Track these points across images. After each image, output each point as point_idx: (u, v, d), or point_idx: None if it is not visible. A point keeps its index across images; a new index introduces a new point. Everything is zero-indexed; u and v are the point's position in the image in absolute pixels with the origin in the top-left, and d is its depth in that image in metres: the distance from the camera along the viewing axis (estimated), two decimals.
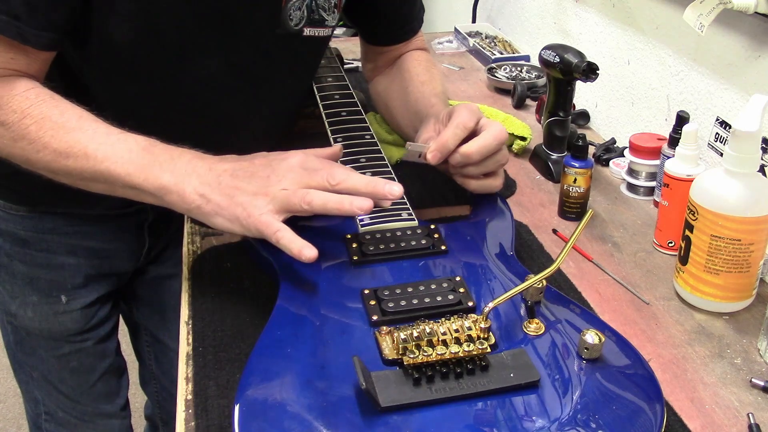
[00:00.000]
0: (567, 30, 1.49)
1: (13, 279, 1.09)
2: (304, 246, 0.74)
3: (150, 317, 1.28)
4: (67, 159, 0.80)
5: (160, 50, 0.87)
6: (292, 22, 0.92)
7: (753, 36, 0.95)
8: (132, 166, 0.79)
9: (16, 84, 0.81)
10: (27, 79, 0.82)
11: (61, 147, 0.79)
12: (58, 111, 0.81)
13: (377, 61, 1.18)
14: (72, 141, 0.79)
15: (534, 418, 0.61)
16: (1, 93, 0.80)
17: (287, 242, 0.75)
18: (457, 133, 0.87)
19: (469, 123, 0.87)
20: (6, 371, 2.09)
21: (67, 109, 0.81)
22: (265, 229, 0.76)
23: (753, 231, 0.79)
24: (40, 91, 0.82)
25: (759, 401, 0.71)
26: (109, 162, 0.79)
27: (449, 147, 0.87)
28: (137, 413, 1.53)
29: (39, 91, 0.81)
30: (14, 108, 0.79)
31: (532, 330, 0.70)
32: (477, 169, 0.89)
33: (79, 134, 0.80)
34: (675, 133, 1.00)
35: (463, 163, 0.88)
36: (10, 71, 0.81)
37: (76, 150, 0.79)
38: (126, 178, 0.79)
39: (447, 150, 0.87)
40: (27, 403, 1.22)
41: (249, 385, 0.63)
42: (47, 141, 0.79)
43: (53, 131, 0.79)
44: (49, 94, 0.82)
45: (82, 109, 0.82)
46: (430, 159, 0.87)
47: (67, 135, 0.79)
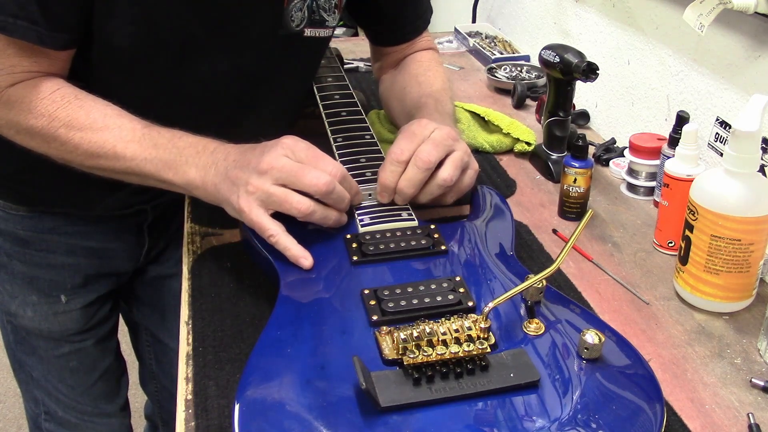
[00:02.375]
0: (567, 30, 1.49)
1: (13, 279, 1.09)
2: (300, 254, 0.79)
3: (150, 317, 1.28)
4: (99, 159, 0.83)
5: (162, 53, 0.87)
6: (293, 23, 0.92)
7: (753, 36, 0.95)
8: (160, 162, 0.82)
9: (41, 86, 0.83)
10: (52, 79, 0.84)
11: (91, 148, 0.83)
12: (84, 111, 0.83)
13: (383, 61, 1.18)
14: (101, 141, 0.82)
15: (534, 418, 0.61)
16: (29, 96, 0.82)
17: (283, 248, 0.79)
18: (393, 170, 0.85)
19: (401, 156, 0.85)
20: (6, 371, 2.09)
21: (93, 109, 0.84)
22: (258, 229, 0.79)
23: (753, 231, 0.79)
24: (66, 92, 0.84)
25: (759, 401, 0.71)
26: (138, 160, 0.82)
27: (390, 186, 0.86)
28: (137, 413, 1.53)
29: (64, 92, 0.84)
30: (42, 111, 0.82)
31: (532, 330, 0.70)
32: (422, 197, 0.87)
33: (107, 134, 0.83)
34: (675, 133, 1.00)
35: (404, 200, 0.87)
36: (34, 74, 0.83)
37: (105, 150, 0.83)
38: (156, 174, 0.83)
39: (389, 189, 0.86)
40: (27, 402, 1.22)
41: (249, 385, 0.63)
42: (77, 143, 0.83)
43: (82, 133, 0.82)
44: (74, 95, 0.84)
45: (106, 105, 0.85)
46: (380, 200, 0.88)
47: (95, 135, 0.82)
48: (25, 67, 0.82)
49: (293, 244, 0.79)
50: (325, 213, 0.80)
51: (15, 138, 0.86)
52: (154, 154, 0.82)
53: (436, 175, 0.85)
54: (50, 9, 0.79)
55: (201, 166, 0.81)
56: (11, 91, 0.82)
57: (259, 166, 0.78)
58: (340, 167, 0.81)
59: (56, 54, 0.84)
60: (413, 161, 0.84)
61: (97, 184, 0.90)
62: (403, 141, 0.86)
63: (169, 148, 0.82)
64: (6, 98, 0.83)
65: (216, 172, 0.81)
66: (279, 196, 0.77)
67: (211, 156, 0.82)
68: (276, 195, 0.77)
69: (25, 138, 0.85)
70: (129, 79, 0.90)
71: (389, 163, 0.85)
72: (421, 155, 0.84)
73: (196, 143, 0.83)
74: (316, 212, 0.79)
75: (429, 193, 0.86)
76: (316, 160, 0.79)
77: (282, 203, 0.78)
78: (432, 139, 0.85)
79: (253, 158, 0.79)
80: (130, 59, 0.87)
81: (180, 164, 0.82)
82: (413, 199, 0.87)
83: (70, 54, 0.86)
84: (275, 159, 0.78)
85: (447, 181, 0.85)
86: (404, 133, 0.87)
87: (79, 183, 0.92)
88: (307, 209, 0.78)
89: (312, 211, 0.78)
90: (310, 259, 0.79)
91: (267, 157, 0.78)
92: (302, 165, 0.79)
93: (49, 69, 0.84)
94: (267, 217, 0.78)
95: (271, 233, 0.78)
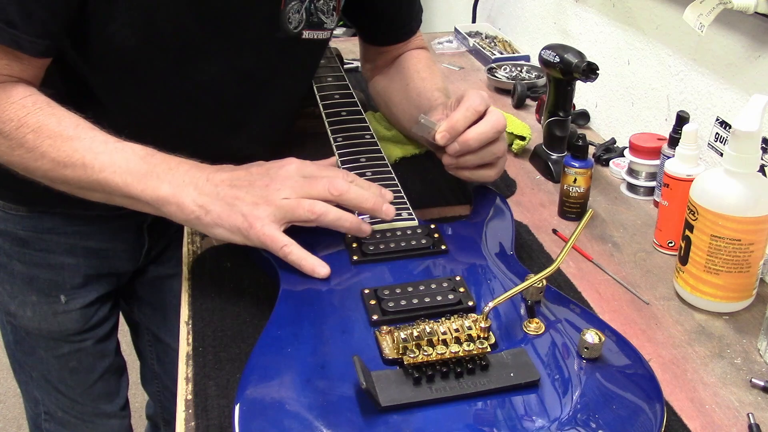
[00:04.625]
0: (567, 30, 1.49)
1: (13, 279, 1.09)
2: (317, 264, 0.77)
3: (151, 317, 1.28)
4: (65, 168, 0.79)
5: (161, 55, 0.87)
6: (290, 25, 0.92)
7: (753, 36, 0.95)
8: (130, 176, 0.78)
9: (12, 91, 0.80)
10: (23, 85, 0.82)
11: (60, 156, 0.79)
12: (56, 119, 0.80)
13: (376, 60, 1.18)
14: (70, 150, 0.79)
15: (534, 418, 0.61)
16: None
17: (297, 259, 0.77)
18: (468, 116, 0.86)
19: (480, 107, 0.86)
20: (6, 371, 2.09)
21: (64, 118, 0.81)
22: (269, 243, 0.76)
23: (753, 231, 0.79)
24: (37, 99, 0.81)
25: (759, 401, 0.71)
26: (107, 172, 0.78)
27: (458, 129, 0.86)
28: (138, 413, 1.53)
29: (36, 98, 0.81)
30: (11, 116, 0.79)
31: (532, 329, 0.70)
32: (474, 158, 0.89)
33: (77, 143, 0.79)
34: (675, 133, 1.00)
35: (461, 151, 0.88)
36: (5, 77, 0.80)
37: (74, 159, 0.79)
38: (124, 188, 0.78)
39: (456, 132, 0.86)
40: (27, 402, 1.22)
41: (249, 384, 0.63)
42: (45, 150, 0.79)
43: (51, 140, 0.79)
44: (46, 102, 0.81)
45: (79, 116, 0.82)
46: (439, 139, 0.87)
47: (65, 144, 0.79)
48: None
49: (308, 255, 0.77)
50: (339, 213, 0.78)
51: None
52: (124, 167, 0.78)
53: (495, 143, 0.88)
54: (31, 14, 0.77)
55: (175, 183, 0.78)
56: None
57: (271, 185, 0.77)
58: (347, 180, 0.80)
59: (31, 60, 0.81)
60: (490, 122, 0.86)
61: None
62: (477, 96, 0.87)
63: (140, 162, 0.79)
64: None
65: (199, 193, 0.77)
66: (290, 203, 0.76)
67: (186, 174, 0.79)
68: (286, 204, 0.76)
69: None
70: (129, 80, 0.90)
71: (465, 109, 0.86)
72: (500, 119, 0.86)
73: (169, 160, 0.80)
74: (330, 213, 0.77)
75: (481, 157, 0.88)
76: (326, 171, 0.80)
77: (295, 209, 0.76)
78: (498, 111, 0.88)
79: (258, 178, 0.78)
80: (131, 61, 0.87)
81: (151, 179, 0.78)
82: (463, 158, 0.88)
83: (47, 62, 0.84)
84: (286, 178, 0.78)
85: (500, 153, 0.89)
86: (473, 92, 0.89)
87: None
88: (320, 210, 0.77)
89: (324, 211, 0.77)
90: (327, 268, 0.77)
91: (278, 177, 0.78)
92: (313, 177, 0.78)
93: (21, 74, 0.81)
94: (279, 231, 0.77)
95: (284, 244, 0.76)
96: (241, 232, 0.77)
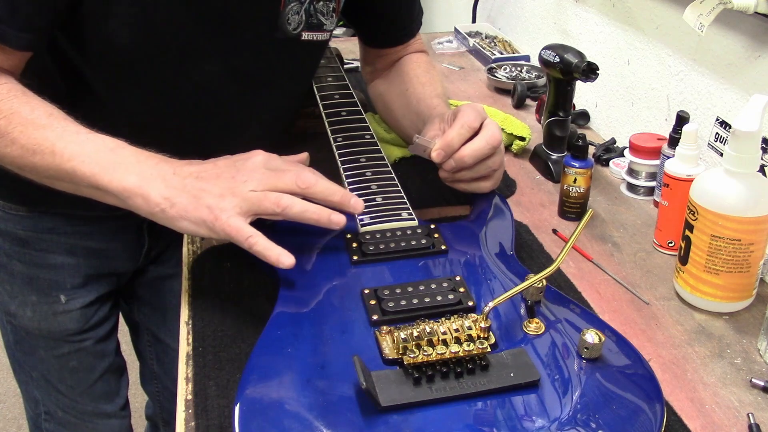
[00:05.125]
0: (567, 30, 1.49)
1: (12, 279, 1.09)
2: (282, 253, 0.74)
3: (151, 317, 1.28)
4: (34, 156, 0.79)
5: (159, 54, 0.87)
6: (290, 26, 0.92)
7: (753, 36, 0.95)
8: (97, 166, 0.77)
9: None
10: (1, 74, 0.82)
11: (29, 143, 0.78)
12: (29, 107, 0.80)
13: (376, 63, 1.18)
14: (40, 138, 0.78)
15: (534, 418, 0.61)
16: None
17: (262, 249, 0.75)
18: (462, 133, 0.87)
19: (474, 123, 0.87)
20: (6, 371, 2.09)
21: (38, 106, 0.81)
22: (235, 234, 0.75)
23: (753, 231, 0.79)
24: (12, 87, 0.81)
25: (759, 401, 0.71)
26: (76, 161, 0.78)
27: (454, 146, 0.87)
28: (138, 413, 1.53)
29: (11, 86, 0.81)
30: None
31: (532, 330, 0.70)
32: (470, 173, 0.90)
33: (48, 131, 0.79)
34: (675, 133, 1.00)
35: (457, 168, 0.88)
36: None
37: (43, 147, 0.78)
38: (91, 178, 0.78)
39: (451, 149, 0.87)
40: (27, 402, 1.22)
41: (249, 384, 0.63)
42: (15, 136, 0.79)
43: (22, 127, 0.79)
44: (21, 91, 0.81)
45: (53, 107, 0.81)
46: (435, 157, 0.88)
47: (36, 132, 0.79)
48: None
49: (273, 245, 0.75)
50: (305, 206, 0.76)
51: None
52: (93, 158, 0.78)
53: (491, 157, 0.88)
54: (18, 8, 0.77)
55: (142, 175, 0.77)
56: None
57: (236, 176, 0.76)
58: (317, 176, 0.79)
59: (13, 52, 0.81)
60: (485, 136, 0.86)
61: None
62: (472, 111, 0.88)
63: (109, 153, 0.78)
64: None
65: (166, 186, 0.77)
66: (257, 196, 0.75)
67: (155, 168, 0.78)
68: (253, 197, 0.75)
69: None
70: (128, 79, 0.90)
71: (459, 126, 0.87)
72: (495, 134, 0.87)
73: (138, 153, 0.79)
74: (295, 205, 0.76)
75: (476, 171, 0.89)
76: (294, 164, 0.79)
77: (261, 201, 0.75)
78: (495, 124, 0.89)
79: (224, 171, 0.77)
80: (129, 60, 0.87)
81: (118, 170, 0.77)
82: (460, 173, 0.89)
83: (28, 55, 0.84)
84: (252, 170, 0.77)
85: (496, 166, 0.90)
86: (469, 107, 0.89)
87: None
88: (286, 202, 0.75)
89: (290, 204, 0.75)
90: (292, 258, 0.75)
91: (244, 169, 0.77)
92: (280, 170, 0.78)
93: (2, 64, 0.82)
94: (245, 222, 0.75)
95: (249, 235, 0.74)
96: (207, 225, 0.75)
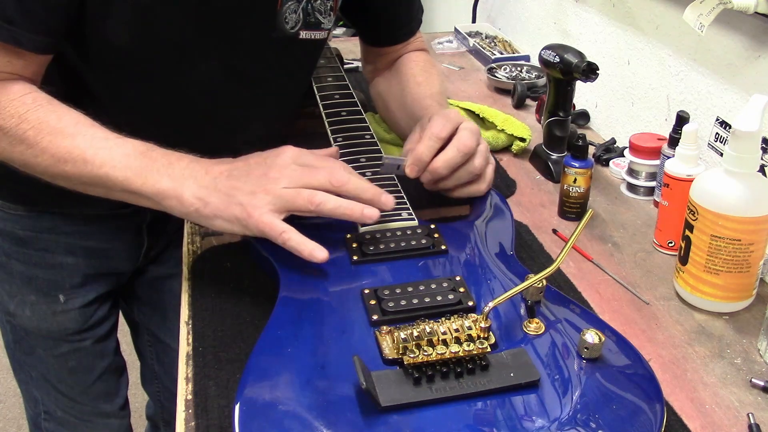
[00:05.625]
0: (567, 30, 1.49)
1: (12, 278, 1.09)
2: (315, 248, 0.76)
3: (151, 317, 1.28)
4: (66, 164, 0.80)
5: (157, 54, 0.87)
6: (287, 25, 0.92)
7: (753, 36, 0.95)
8: (130, 170, 0.79)
9: (12, 88, 0.81)
10: (24, 82, 0.82)
11: (60, 152, 0.79)
12: (56, 116, 0.81)
13: (377, 62, 1.18)
14: (70, 146, 0.79)
15: (534, 418, 0.61)
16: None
17: (296, 244, 0.76)
18: (431, 145, 0.85)
19: (442, 133, 0.85)
20: (6, 371, 2.09)
21: (65, 114, 0.81)
22: (268, 231, 0.76)
23: (753, 231, 0.79)
24: (37, 96, 0.81)
25: (759, 401, 0.71)
26: (108, 167, 0.79)
27: (425, 160, 0.86)
28: (138, 413, 1.53)
29: (36, 95, 0.81)
30: (11, 113, 0.79)
31: (532, 330, 0.70)
32: (451, 181, 0.88)
33: (78, 139, 0.80)
34: (675, 133, 1.00)
35: (434, 180, 0.88)
36: (6, 74, 0.81)
37: (74, 155, 0.79)
38: (124, 183, 0.79)
39: (423, 163, 0.86)
40: (26, 402, 1.22)
41: (249, 384, 0.63)
42: (45, 146, 0.80)
43: (51, 136, 0.79)
44: (47, 99, 0.82)
45: (79, 113, 0.82)
46: (408, 173, 0.87)
47: (65, 140, 0.79)
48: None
49: (306, 240, 0.76)
50: (338, 202, 0.77)
51: None
52: (125, 162, 0.79)
53: (469, 162, 0.87)
54: (30, 11, 0.77)
55: (174, 177, 0.78)
56: None
57: (269, 173, 0.77)
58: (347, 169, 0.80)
59: (32, 57, 0.81)
60: (455, 144, 0.85)
61: None
62: (440, 120, 0.86)
63: (140, 157, 0.79)
64: None
65: (198, 186, 0.78)
66: (290, 193, 0.76)
67: (186, 169, 0.79)
68: (286, 194, 0.76)
69: None
70: (126, 78, 0.90)
71: (428, 138, 0.85)
72: (464, 140, 0.85)
73: (169, 155, 0.80)
74: (329, 202, 0.76)
75: (457, 179, 0.87)
76: (326, 160, 0.80)
77: (295, 199, 0.76)
78: (468, 128, 0.87)
79: (255, 168, 0.78)
80: (127, 59, 0.87)
81: (151, 173, 0.79)
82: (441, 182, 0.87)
83: (47, 59, 0.84)
84: (283, 167, 0.77)
85: (477, 170, 0.87)
86: (438, 115, 0.88)
87: None
88: (320, 199, 0.76)
89: (323, 200, 0.76)
90: (325, 252, 0.76)
91: (275, 166, 0.77)
92: (312, 166, 0.78)
93: (23, 71, 0.82)
94: (278, 218, 0.76)
95: (282, 230, 0.75)
96: (240, 222, 0.76)
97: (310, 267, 0.78)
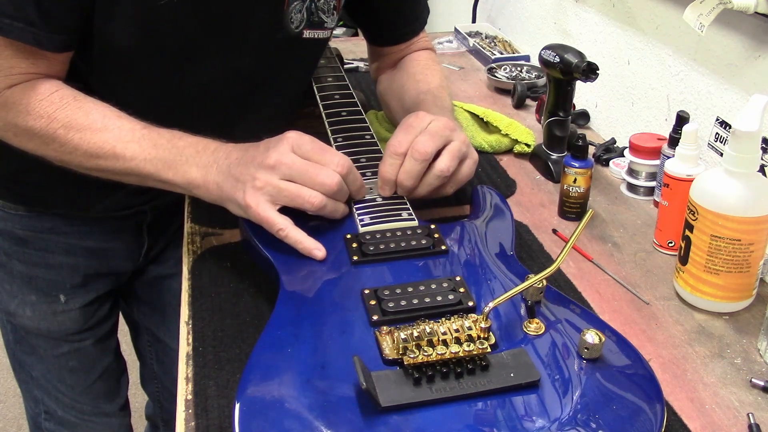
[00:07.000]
0: (567, 30, 1.49)
1: (12, 278, 1.09)
2: (313, 247, 0.79)
3: (150, 317, 1.28)
4: (98, 159, 0.83)
5: (161, 54, 0.88)
6: (292, 24, 0.92)
7: (753, 36, 0.95)
8: (160, 162, 0.82)
9: (39, 88, 0.82)
10: (50, 81, 0.84)
11: (91, 149, 0.82)
12: (83, 112, 0.83)
13: (381, 61, 1.18)
14: (100, 142, 0.82)
15: (534, 418, 0.61)
16: (27, 98, 0.82)
17: (293, 241, 0.79)
18: (393, 163, 0.85)
19: (400, 149, 0.85)
20: (6, 371, 2.09)
21: (92, 109, 0.84)
22: (266, 225, 0.79)
23: (753, 231, 0.79)
24: (64, 93, 0.84)
25: (759, 401, 0.71)
26: (138, 160, 0.82)
27: (390, 179, 0.86)
28: (137, 413, 1.53)
29: (63, 93, 0.84)
30: (41, 113, 0.82)
31: (533, 330, 0.70)
32: (422, 189, 0.87)
33: (106, 134, 0.82)
34: (675, 133, 1.00)
35: (407, 193, 0.87)
36: (32, 75, 0.83)
37: (105, 150, 0.82)
38: (155, 174, 0.82)
39: (390, 182, 0.86)
40: (27, 402, 1.22)
41: (249, 384, 0.63)
42: (76, 143, 0.82)
43: (81, 134, 0.82)
44: (72, 96, 0.84)
45: (105, 106, 0.85)
46: (381, 194, 0.88)
47: (95, 136, 0.82)
48: (22, 68, 0.82)
49: (304, 237, 0.79)
50: (335, 206, 0.81)
51: (13, 140, 0.86)
52: (154, 154, 0.82)
53: (433, 165, 0.86)
54: (48, 11, 0.79)
55: (202, 165, 0.81)
56: (9, 93, 0.82)
57: (266, 161, 0.78)
58: (346, 160, 0.81)
59: (54, 56, 0.83)
60: (410, 153, 0.84)
61: (96, 185, 0.90)
62: (401, 133, 0.86)
63: (168, 148, 0.82)
64: (4, 100, 0.82)
65: (218, 171, 0.80)
66: (292, 190, 0.78)
67: (212, 155, 0.82)
68: (288, 189, 0.78)
69: (24, 140, 0.85)
70: (129, 79, 0.90)
71: (388, 156, 0.86)
72: (418, 146, 0.84)
73: (196, 143, 0.83)
74: (328, 206, 0.80)
75: (428, 184, 0.87)
76: (322, 154, 0.80)
77: (295, 197, 0.78)
78: (428, 131, 0.86)
79: (258, 154, 0.79)
80: (131, 60, 0.87)
81: (180, 164, 0.81)
82: (415, 191, 0.87)
83: (69, 56, 0.86)
84: (282, 155, 0.78)
85: (444, 172, 0.85)
86: (402, 126, 0.88)
87: (78, 184, 0.92)
88: (320, 203, 0.78)
89: (324, 204, 0.79)
90: (323, 250, 0.79)
91: (273, 152, 0.78)
92: (311, 163, 0.79)
93: (48, 71, 0.84)
94: (275, 211, 0.78)
95: (280, 227, 0.78)
96: (245, 211, 0.80)
97: (310, 267, 0.79)
